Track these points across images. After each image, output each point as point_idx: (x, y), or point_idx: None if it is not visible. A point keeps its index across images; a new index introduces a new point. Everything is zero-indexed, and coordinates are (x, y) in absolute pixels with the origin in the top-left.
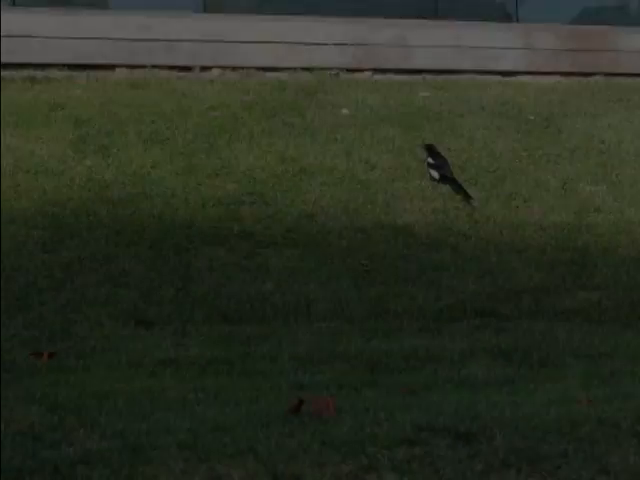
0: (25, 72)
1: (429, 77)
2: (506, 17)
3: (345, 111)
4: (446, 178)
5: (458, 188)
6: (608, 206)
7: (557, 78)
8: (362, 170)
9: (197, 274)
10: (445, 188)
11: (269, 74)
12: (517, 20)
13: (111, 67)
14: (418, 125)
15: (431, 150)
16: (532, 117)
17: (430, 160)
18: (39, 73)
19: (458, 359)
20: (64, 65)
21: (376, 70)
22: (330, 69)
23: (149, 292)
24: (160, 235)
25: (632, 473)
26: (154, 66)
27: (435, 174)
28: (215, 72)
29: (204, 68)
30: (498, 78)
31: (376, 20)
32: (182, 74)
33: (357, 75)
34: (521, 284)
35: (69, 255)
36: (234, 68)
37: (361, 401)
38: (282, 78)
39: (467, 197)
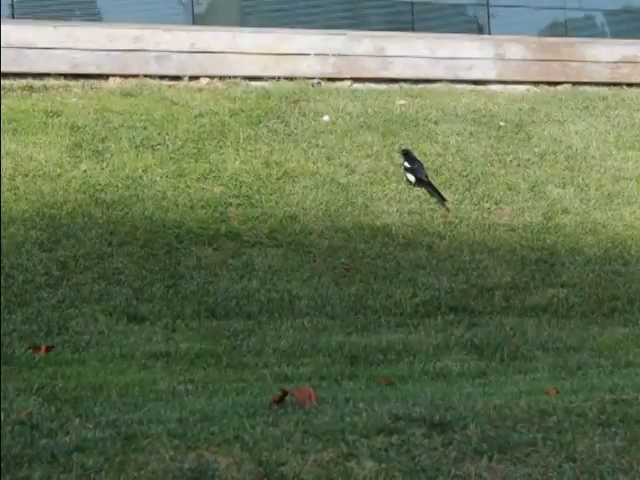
0: (24, 81)
1: (406, 86)
2: (478, 29)
3: (326, 118)
4: (422, 181)
5: (433, 191)
6: (575, 208)
7: (527, 87)
8: (342, 174)
9: (186, 272)
10: (421, 191)
11: (254, 83)
12: (489, 32)
13: (105, 76)
14: (395, 131)
15: (408, 155)
16: (503, 124)
17: (407, 164)
18: (37, 82)
19: (433, 352)
20: (60, 75)
21: (355, 79)
22: (312, 78)
23: (141, 289)
24: (151, 235)
25: (597, 460)
26: (145, 75)
27: (411, 178)
28: (203, 81)
29: (193, 77)
30: (471, 87)
31: (356, 32)
32: (172, 83)
33: (337, 84)
34: (493, 281)
35: (65, 254)
36: (221, 77)
37: (341, 392)
38: (266, 87)
39: (442, 199)
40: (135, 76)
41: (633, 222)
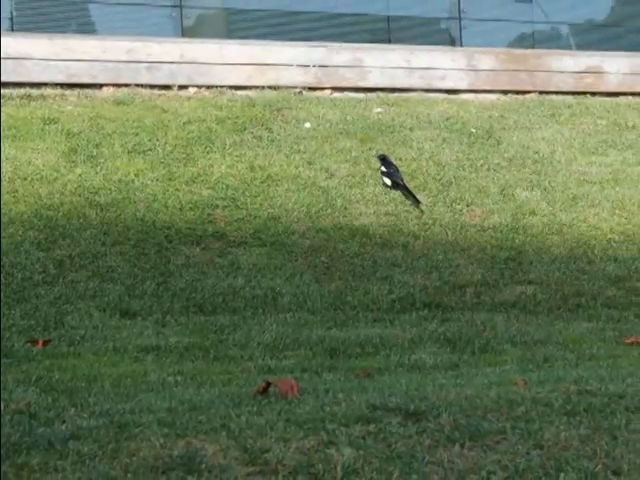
0: (22, 90)
1: (382, 95)
2: (451, 42)
3: (307, 125)
4: (397, 185)
5: (408, 194)
6: (542, 210)
7: (496, 95)
8: (322, 178)
9: (176, 270)
10: (397, 194)
11: (239, 92)
12: (461, 44)
13: (99, 86)
14: (373, 137)
15: (384, 160)
16: (474, 130)
17: (383, 169)
18: (35, 91)
19: (408, 346)
20: (57, 84)
21: (335, 88)
22: (294, 88)
23: (133, 286)
24: (143, 235)
25: (563, 447)
26: (137, 85)
27: (388, 181)
28: (191, 90)
29: (182, 87)
30: (444, 96)
31: (335, 44)
32: (162, 92)
33: (318, 93)
34: (464, 279)
35: (62, 253)
36: (208, 87)
37: (322, 383)
38: (251, 96)
39: (416, 202)
40: (127, 85)
41: (596, 223)
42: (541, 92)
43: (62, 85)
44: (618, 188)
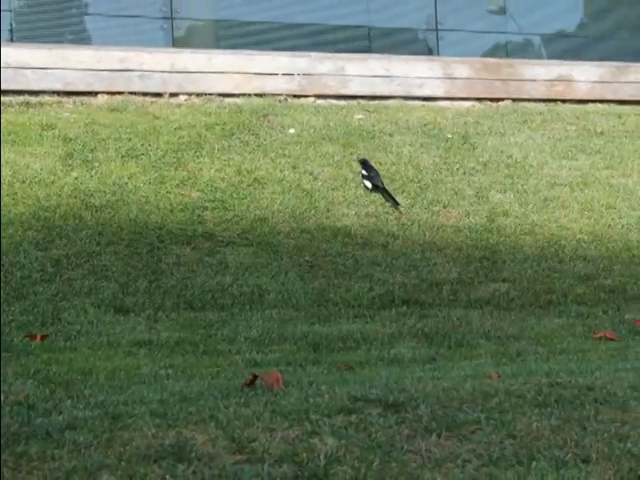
0: (21, 98)
1: (363, 102)
2: (428, 51)
3: (292, 131)
4: (378, 187)
5: (388, 196)
6: (514, 211)
7: (471, 103)
8: (307, 181)
9: (167, 269)
10: (377, 196)
11: (227, 99)
12: (438, 54)
13: (94, 94)
14: (354, 143)
15: (365, 164)
16: (450, 136)
17: (364, 172)
18: (33, 99)
19: (388, 341)
20: (54, 92)
21: (318, 96)
22: (279, 95)
23: (126, 284)
24: (136, 236)
25: (535, 437)
26: (130, 93)
27: (368, 184)
28: (182, 98)
29: (173, 94)
30: (422, 103)
31: (319, 54)
32: (154, 99)
33: (302, 100)
34: (441, 277)
35: (59, 253)
36: (198, 94)
37: (306, 376)
38: (239, 103)
39: (395, 204)
40: (121, 93)
41: (567, 224)
42: (514, 99)
43: (59, 93)
44: (587, 191)
